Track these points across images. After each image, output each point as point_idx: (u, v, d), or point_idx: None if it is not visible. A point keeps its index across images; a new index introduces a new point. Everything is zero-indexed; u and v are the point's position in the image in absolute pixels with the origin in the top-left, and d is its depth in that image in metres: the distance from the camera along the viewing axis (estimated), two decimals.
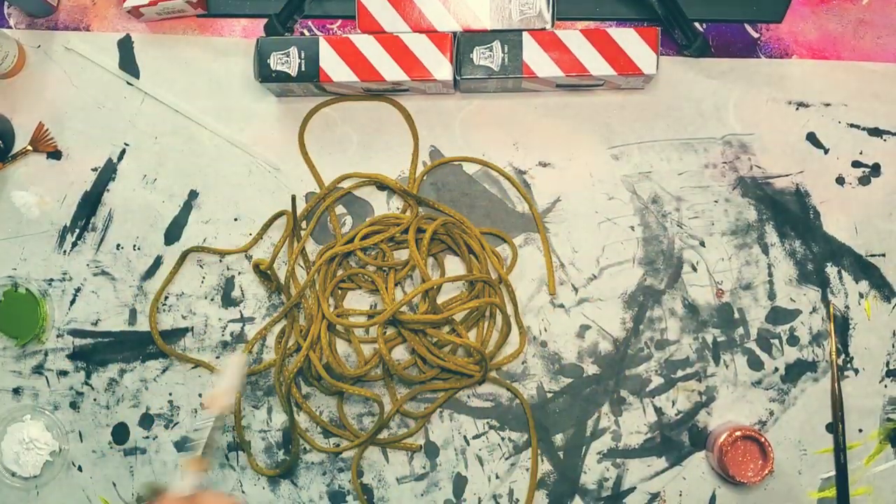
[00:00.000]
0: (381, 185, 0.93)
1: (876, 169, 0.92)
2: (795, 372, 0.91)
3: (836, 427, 0.90)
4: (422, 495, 0.92)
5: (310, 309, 0.91)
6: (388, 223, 0.91)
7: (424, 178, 0.93)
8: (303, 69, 0.88)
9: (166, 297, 0.93)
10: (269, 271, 0.91)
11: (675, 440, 0.91)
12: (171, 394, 0.93)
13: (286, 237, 0.92)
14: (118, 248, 0.94)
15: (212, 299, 0.93)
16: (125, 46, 0.95)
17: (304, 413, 0.92)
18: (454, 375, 0.91)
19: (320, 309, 0.90)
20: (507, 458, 0.91)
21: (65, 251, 0.94)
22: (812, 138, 0.92)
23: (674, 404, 0.91)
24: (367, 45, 0.88)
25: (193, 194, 0.94)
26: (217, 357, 0.93)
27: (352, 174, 0.92)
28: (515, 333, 0.91)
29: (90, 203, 0.94)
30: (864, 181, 0.92)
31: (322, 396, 0.92)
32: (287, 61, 0.88)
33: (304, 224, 0.93)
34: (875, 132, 0.92)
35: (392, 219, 0.91)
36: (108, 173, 0.94)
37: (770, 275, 0.92)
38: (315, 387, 0.92)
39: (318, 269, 0.90)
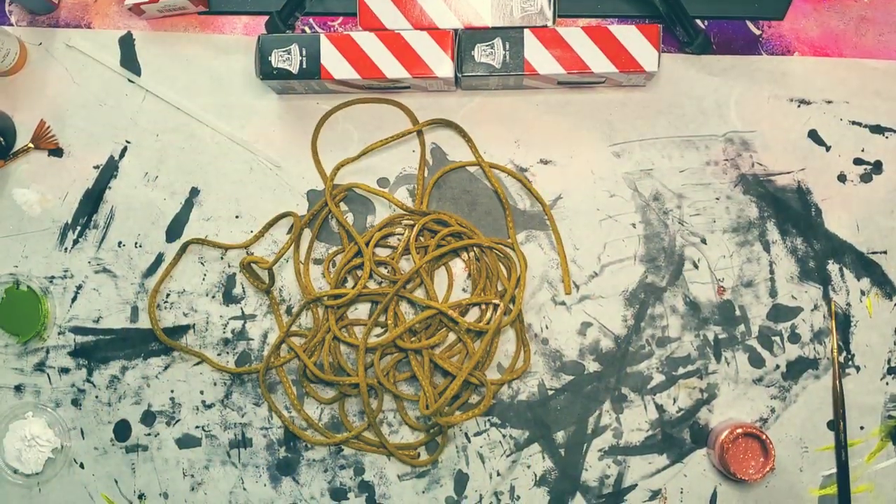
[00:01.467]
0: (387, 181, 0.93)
1: (877, 166, 0.92)
2: (797, 369, 0.91)
3: (837, 424, 0.90)
4: (423, 492, 0.92)
5: (318, 321, 0.92)
6: (398, 222, 0.92)
7: (425, 174, 0.93)
8: (304, 66, 0.88)
9: (168, 295, 0.93)
10: (250, 269, 0.91)
11: (677, 437, 0.91)
12: (172, 391, 0.93)
13: (292, 241, 0.92)
14: (120, 246, 0.94)
15: (213, 297, 0.93)
16: (126, 44, 0.95)
17: (302, 414, 0.92)
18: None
19: (327, 322, 0.91)
20: (508, 456, 0.91)
21: (66, 248, 0.94)
22: (814, 135, 0.92)
23: (675, 401, 0.91)
24: (368, 42, 0.88)
25: (195, 191, 0.94)
26: (218, 354, 0.93)
27: (360, 185, 0.92)
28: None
29: (92, 200, 0.94)
30: (865, 178, 0.92)
31: (321, 395, 0.92)
32: (288, 58, 0.88)
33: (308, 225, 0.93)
34: (877, 129, 0.92)
35: (400, 217, 0.91)
36: (109, 171, 0.94)
37: (771, 272, 0.92)
38: (313, 385, 0.92)
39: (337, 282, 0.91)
